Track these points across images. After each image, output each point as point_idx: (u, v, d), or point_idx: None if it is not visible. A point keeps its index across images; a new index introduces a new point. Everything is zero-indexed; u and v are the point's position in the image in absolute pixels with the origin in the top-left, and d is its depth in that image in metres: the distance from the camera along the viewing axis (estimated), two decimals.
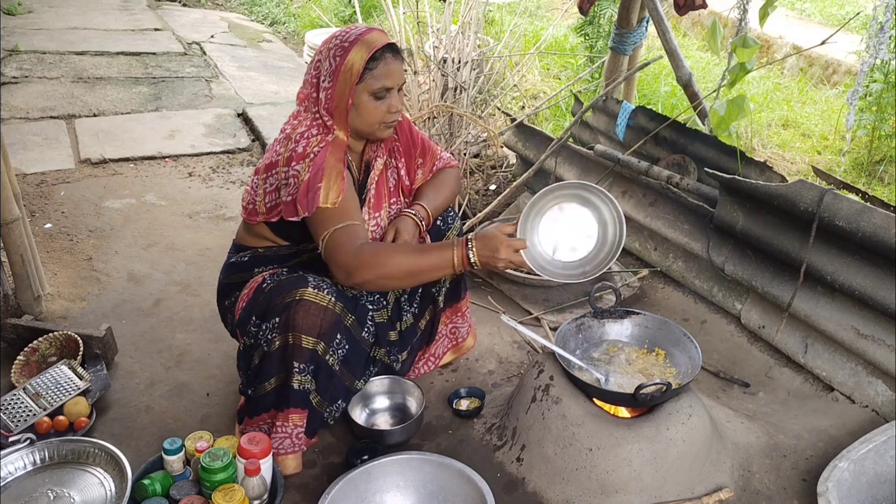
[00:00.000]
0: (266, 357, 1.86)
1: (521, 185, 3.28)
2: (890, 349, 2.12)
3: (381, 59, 1.83)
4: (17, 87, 4.75)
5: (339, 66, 1.81)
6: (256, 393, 1.91)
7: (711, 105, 2.61)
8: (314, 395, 1.91)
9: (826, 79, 5.68)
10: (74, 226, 3.22)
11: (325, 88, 1.85)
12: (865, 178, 4.15)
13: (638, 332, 2.13)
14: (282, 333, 1.82)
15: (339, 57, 1.82)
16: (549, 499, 1.89)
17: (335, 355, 1.89)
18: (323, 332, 1.83)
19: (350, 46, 1.81)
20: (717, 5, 5.30)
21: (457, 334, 2.36)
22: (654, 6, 3.19)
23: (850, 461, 1.81)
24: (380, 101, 1.86)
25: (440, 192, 2.16)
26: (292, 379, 1.85)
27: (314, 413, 1.94)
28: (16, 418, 2.03)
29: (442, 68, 3.24)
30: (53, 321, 2.53)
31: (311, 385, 1.89)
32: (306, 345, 1.82)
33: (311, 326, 1.81)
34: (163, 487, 1.74)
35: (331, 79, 1.83)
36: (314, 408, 1.93)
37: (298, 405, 1.89)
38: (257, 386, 1.90)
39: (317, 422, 1.96)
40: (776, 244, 2.38)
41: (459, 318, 2.34)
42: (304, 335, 1.81)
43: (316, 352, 1.84)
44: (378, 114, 1.87)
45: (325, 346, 1.85)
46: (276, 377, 1.88)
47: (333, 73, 1.82)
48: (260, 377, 1.89)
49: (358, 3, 3.82)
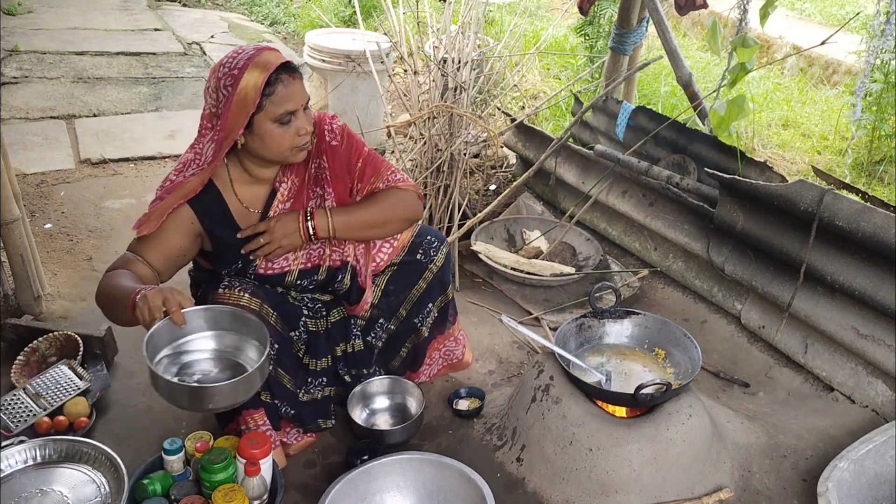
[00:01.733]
0: None
1: (521, 185, 3.28)
2: (890, 349, 2.12)
3: (276, 82, 1.68)
4: (17, 87, 4.75)
5: (230, 97, 1.67)
6: None
7: (711, 105, 2.60)
8: (263, 393, 1.88)
9: (826, 79, 5.68)
10: (74, 226, 3.21)
11: (217, 116, 1.72)
12: (865, 178, 4.15)
13: (638, 332, 2.13)
14: None
15: (231, 87, 1.67)
16: (549, 499, 1.89)
17: None
18: None
19: (240, 74, 1.66)
20: (717, 5, 5.30)
21: (451, 356, 2.30)
22: (655, 6, 3.19)
23: (850, 461, 1.81)
24: (286, 126, 1.73)
25: (365, 205, 1.94)
26: None
27: (269, 407, 1.92)
28: (16, 418, 2.03)
29: (442, 68, 3.24)
30: (53, 321, 2.53)
31: None
32: None
33: None
34: (163, 487, 1.74)
35: (223, 109, 1.69)
36: (267, 403, 1.91)
37: (250, 406, 1.87)
38: None
39: (272, 413, 1.93)
40: (776, 244, 2.38)
41: (452, 343, 2.27)
42: None
43: None
44: (287, 140, 1.75)
45: None
46: None
47: (226, 105, 1.68)
48: None
49: (358, 3, 3.81)
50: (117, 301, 1.62)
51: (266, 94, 1.68)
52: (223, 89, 1.69)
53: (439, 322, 2.19)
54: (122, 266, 1.75)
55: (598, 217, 3.19)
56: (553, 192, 3.40)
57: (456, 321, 2.25)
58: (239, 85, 1.66)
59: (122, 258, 1.78)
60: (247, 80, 1.66)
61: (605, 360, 2.07)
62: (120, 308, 1.61)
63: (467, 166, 3.50)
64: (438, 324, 2.20)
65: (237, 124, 1.69)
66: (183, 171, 1.82)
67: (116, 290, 1.63)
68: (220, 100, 1.70)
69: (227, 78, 1.68)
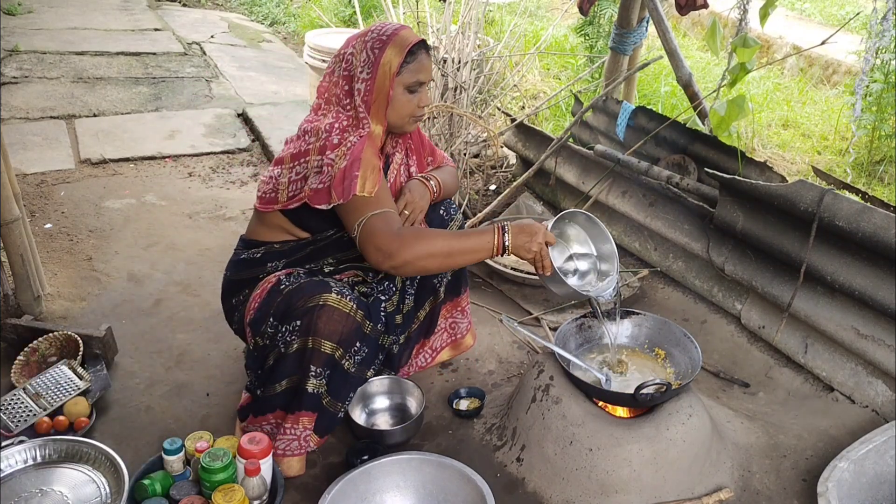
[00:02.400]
0: (282, 358, 1.85)
1: (521, 185, 3.28)
2: (890, 349, 2.12)
3: (416, 53, 1.87)
4: (17, 87, 4.75)
5: (378, 59, 1.84)
6: (266, 393, 1.91)
7: (711, 105, 2.61)
8: (325, 398, 1.91)
9: (826, 79, 5.68)
10: (74, 226, 3.21)
11: (363, 80, 1.86)
12: (865, 178, 4.16)
13: (638, 332, 2.13)
14: (301, 337, 1.81)
15: (378, 50, 1.84)
16: (549, 499, 1.89)
17: (352, 360, 1.89)
18: (343, 339, 1.83)
19: (388, 40, 1.85)
20: (717, 5, 5.30)
21: (456, 329, 2.34)
22: (655, 6, 3.19)
23: (850, 461, 1.81)
24: (412, 94, 1.90)
25: (448, 176, 2.21)
26: (307, 382, 1.84)
27: (324, 414, 1.93)
28: (16, 418, 2.03)
29: (442, 68, 3.24)
30: (53, 321, 2.53)
31: (324, 389, 1.88)
32: (325, 350, 1.82)
33: (332, 332, 1.81)
34: (163, 487, 1.74)
35: (369, 70, 1.85)
36: (324, 409, 1.92)
37: (310, 408, 1.88)
38: (268, 386, 1.90)
39: (326, 421, 1.95)
40: (776, 244, 2.38)
41: (459, 314, 2.32)
42: (324, 340, 1.81)
43: (334, 357, 1.84)
44: (410, 107, 1.91)
45: (343, 352, 1.85)
46: (289, 379, 1.87)
47: (373, 65, 1.84)
48: (272, 378, 1.88)
49: (358, 3, 3.81)
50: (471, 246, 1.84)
51: (406, 62, 1.86)
52: (370, 51, 1.85)
53: (453, 285, 2.25)
54: (399, 223, 1.83)
55: (598, 217, 3.18)
56: (553, 192, 3.40)
57: (466, 291, 2.33)
58: (386, 50, 1.84)
59: (385, 219, 1.81)
60: (392, 48, 1.84)
61: (606, 361, 2.08)
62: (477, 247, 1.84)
63: (467, 166, 3.50)
64: (452, 288, 2.25)
65: (384, 86, 1.85)
66: (338, 129, 1.85)
67: (462, 238, 1.86)
68: (364, 61, 1.85)
69: (376, 42, 1.85)
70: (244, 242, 2.05)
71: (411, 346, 2.26)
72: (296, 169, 1.86)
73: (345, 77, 1.89)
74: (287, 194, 1.88)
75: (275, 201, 1.90)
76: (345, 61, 1.89)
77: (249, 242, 2.02)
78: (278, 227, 1.97)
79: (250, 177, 3.86)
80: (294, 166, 1.86)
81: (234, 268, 2.03)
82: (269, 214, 1.95)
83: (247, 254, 2.01)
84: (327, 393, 1.90)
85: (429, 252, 1.80)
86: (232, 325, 2.09)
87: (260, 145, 4.27)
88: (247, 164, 4.02)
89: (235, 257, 2.04)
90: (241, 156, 4.13)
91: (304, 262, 2.00)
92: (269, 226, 1.97)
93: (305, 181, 1.84)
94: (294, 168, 1.86)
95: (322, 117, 1.89)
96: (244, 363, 2.02)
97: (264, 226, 1.98)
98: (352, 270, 2.05)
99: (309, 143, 1.85)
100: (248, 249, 2.01)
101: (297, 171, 1.86)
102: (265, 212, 1.94)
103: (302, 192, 1.85)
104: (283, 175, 1.88)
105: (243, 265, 2.00)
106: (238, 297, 2.01)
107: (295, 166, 1.86)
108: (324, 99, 1.92)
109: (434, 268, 1.89)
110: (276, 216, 1.94)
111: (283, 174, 1.89)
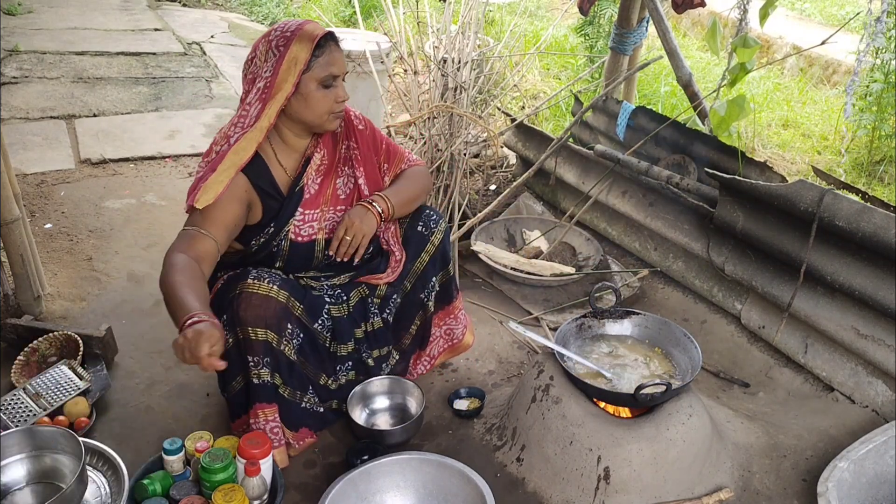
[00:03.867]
0: (227, 356, 1.84)
1: (521, 185, 3.28)
2: (890, 349, 2.12)
3: (325, 46, 1.83)
4: (17, 87, 4.75)
5: (282, 55, 1.79)
6: (230, 394, 1.94)
7: (711, 105, 2.61)
8: (282, 388, 1.91)
9: (826, 79, 5.68)
10: (74, 226, 3.21)
11: (264, 77, 1.82)
12: (865, 178, 4.15)
13: (638, 332, 2.13)
14: (232, 330, 1.82)
15: (283, 47, 1.80)
16: (549, 499, 1.89)
17: (290, 345, 1.89)
18: (270, 323, 1.82)
19: (293, 36, 1.80)
20: (717, 5, 5.30)
21: (452, 335, 2.34)
22: (655, 6, 3.19)
23: (850, 461, 1.81)
24: (327, 89, 1.85)
25: (405, 187, 2.12)
26: (251, 374, 1.85)
27: (286, 403, 1.93)
28: (16, 418, 2.03)
29: (442, 68, 3.24)
30: (53, 321, 2.53)
31: (271, 378, 1.88)
32: (256, 337, 1.82)
33: (256, 318, 1.80)
34: (163, 487, 1.74)
35: (272, 69, 1.80)
36: (285, 399, 1.92)
37: (263, 399, 1.89)
38: (227, 386, 1.92)
39: (296, 412, 1.96)
40: (776, 244, 2.38)
41: (453, 320, 2.31)
42: (250, 327, 1.80)
43: (269, 343, 1.83)
44: (326, 103, 1.86)
45: (276, 335, 1.84)
46: (241, 374, 1.89)
47: (276, 63, 1.80)
48: (228, 377, 1.91)
49: (358, 3, 3.82)
50: (173, 310, 1.62)
51: (315, 56, 1.81)
52: (275, 49, 1.80)
53: (442, 295, 2.24)
54: (185, 249, 1.73)
55: (598, 217, 3.19)
56: (553, 192, 3.40)
57: (458, 297, 2.31)
58: (291, 45, 1.79)
59: (186, 237, 1.77)
60: (299, 42, 1.79)
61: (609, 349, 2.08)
62: (174, 317, 1.62)
63: (467, 166, 3.50)
64: (442, 297, 2.24)
65: (286, 82, 1.80)
66: (228, 138, 1.85)
67: (176, 299, 1.62)
68: (270, 59, 1.81)
69: (281, 39, 1.81)
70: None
71: (407, 358, 2.27)
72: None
73: (248, 80, 1.87)
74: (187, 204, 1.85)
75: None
76: (252, 64, 1.86)
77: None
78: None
79: None
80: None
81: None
82: None
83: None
84: (283, 383, 1.91)
85: (162, 281, 1.68)
86: None
87: None
88: None
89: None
90: None
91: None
92: None
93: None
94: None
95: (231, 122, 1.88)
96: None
97: None
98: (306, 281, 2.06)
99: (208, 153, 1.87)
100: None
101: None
102: None
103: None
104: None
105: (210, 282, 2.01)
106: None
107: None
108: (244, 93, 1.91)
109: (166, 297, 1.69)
110: None
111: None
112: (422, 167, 2.22)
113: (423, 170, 2.22)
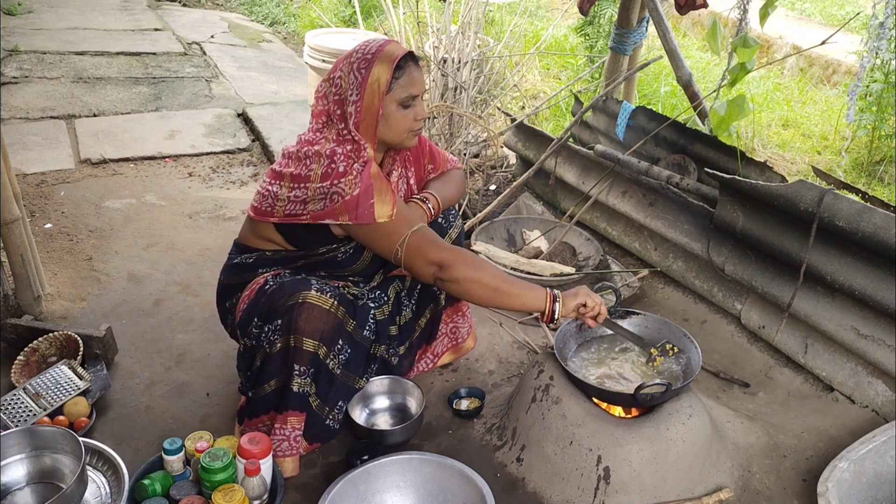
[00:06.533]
0: (267, 359, 1.86)
1: (520, 185, 3.28)
2: (890, 349, 2.12)
3: (404, 67, 1.83)
4: (17, 87, 4.75)
5: (365, 79, 1.81)
6: (257, 395, 1.92)
7: (711, 105, 2.60)
8: (314, 399, 1.92)
9: (826, 79, 5.68)
10: (74, 226, 3.21)
11: (352, 102, 1.82)
12: (865, 178, 4.15)
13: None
14: (283, 336, 1.82)
15: (365, 69, 1.81)
16: (549, 499, 1.89)
17: (336, 360, 1.90)
18: (325, 337, 1.83)
19: (374, 58, 1.81)
20: (717, 5, 5.30)
21: (457, 334, 2.36)
22: (654, 6, 3.19)
23: (850, 461, 1.81)
24: (407, 109, 1.87)
25: (448, 185, 2.18)
26: (292, 382, 1.85)
27: (313, 417, 1.94)
28: (16, 418, 2.03)
29: (442, 68, 3.24)
30: (53, 321, 2.53)
31: (310, 388, 1.89)
32: (308, 348, 1.82)
33: (313, 330, 1.81)
34: (163, 487, 1.74)
35: (358, 92, 1.81)
36: (313, 411, 1.93)
37: (297, 408, 1.89)
38: (258, 387, 1.90)
39: (317, 427, 1.96)
40: (776, 244, 2.38)
41: (460, 318, 2.34)
42: (305, 338, 1.81)
43: (317, 355, 1.84)
44: (406, 122, 1.88)
45: (326, 350, 1.85)
46: (277, 379, 1.88)
47: (360, 87, 1.81)
48: (261, 379, 1.89)
49: (358, 3, 3.82)
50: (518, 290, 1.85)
51: (395, 78, 1.82)
52: (356, 72, 1.82)
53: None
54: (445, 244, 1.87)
55: (598, 217, 3.19)
56: (553, 192, 3.40)
57: None
58: (372, 68, 1.80)
59: (428, 233, 1.86)
60: (379, 65, 1.80)
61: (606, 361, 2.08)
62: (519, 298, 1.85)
63: (467, 166, 3.50)
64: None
65: (373, 105, 1.82)
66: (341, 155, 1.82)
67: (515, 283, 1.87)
68: (353, 83, 1.82)
69: (362, 62, 1.82)
70: (237, 247, 2.04)
71: (413, 352, 2.27)
72: (295, 192, 1.82)
73: (336, 101, 1.86)
74: (283, 212, 1.85)
75: (270, 215, 1.88)
76: (335, 85, 1.86)
77: (242, 247, 2.02)
78: (267, 239, 1.96)
79: (250, 177, 3.86)
80: (294, 188, 1.82)
81: (227, 272, 2.04)
82: (261, 225, 1.93)
83: (240, 258, 2.01)
84: (315, 395, 1.91)
85: (480, 279, 1.82)
86: (227, 328, 2.10)
87: (260, 145, 4.26)
88: (247, 164, 4.02)
89: (229, 261, 2.04)
90: (241, 156, 4.13)
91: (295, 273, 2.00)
92: (259, 235, 1.97)
93: (305, 205, 1.81)
94: (294, 190, 1.83)
95: (324, 141, 1.85)
96: (236, 365, 2.03)
97: (255, 234, 1.98)
98: (343, 282, 2.06)
99: (310, 169, 1.81)
100: (241, 254, 2.01)
101: (296, 194, 1.82)
102: (257, 221, 1.93)
103: (301, 215, 1.83)
104: (282, 193, 1.84)
105: (236, 269, 2.01)
106: (231, 300, 2.01)
107: (295, 189, 1.82)
108: (322, 122, 1.89)
109: (476, 296, 1.87)
110: (268, 228, 1.93)
111: (282, 192, 1.84)
112: (461, 170, 2.27)
113: (461, 173, 2.27)
